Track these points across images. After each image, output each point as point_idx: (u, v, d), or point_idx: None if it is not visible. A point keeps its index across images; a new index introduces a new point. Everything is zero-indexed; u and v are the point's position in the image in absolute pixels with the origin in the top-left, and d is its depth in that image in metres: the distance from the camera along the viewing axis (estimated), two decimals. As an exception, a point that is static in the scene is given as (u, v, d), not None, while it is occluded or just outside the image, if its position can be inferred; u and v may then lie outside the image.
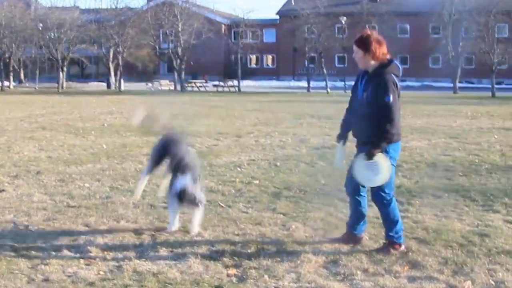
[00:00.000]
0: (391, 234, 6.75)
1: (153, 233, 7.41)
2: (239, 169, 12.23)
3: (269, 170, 12.06)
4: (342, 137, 7.07)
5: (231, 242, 7.05)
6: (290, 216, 8.25)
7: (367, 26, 63.18)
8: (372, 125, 6.44)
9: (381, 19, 65.56)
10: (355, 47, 6.67)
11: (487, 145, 15.85)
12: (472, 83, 67.65)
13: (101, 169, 12.09)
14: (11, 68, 63.69)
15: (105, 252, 6.73)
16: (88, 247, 6.87)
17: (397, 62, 6.68)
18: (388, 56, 6.64)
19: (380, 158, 6.46)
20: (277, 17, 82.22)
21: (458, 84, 55.02)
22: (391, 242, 6.74)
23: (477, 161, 13.23)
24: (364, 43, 6.59)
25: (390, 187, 6.77)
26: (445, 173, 11.72)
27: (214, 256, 6.59)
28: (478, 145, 15.72)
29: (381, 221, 7.01)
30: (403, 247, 6.73)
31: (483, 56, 52.00)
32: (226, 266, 6.30)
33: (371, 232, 7.30)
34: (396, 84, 6.51)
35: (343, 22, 60.20)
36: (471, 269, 6.19)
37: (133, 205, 8.87)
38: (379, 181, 6.58)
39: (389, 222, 6.78)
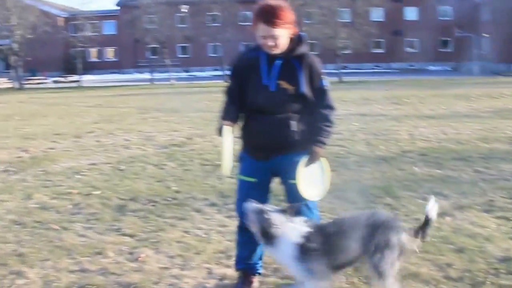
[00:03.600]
0: None
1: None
2: (78, 176, 10.53)
3: (113, 176, 10.42)
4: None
5: (65, 283, 5.40)
6: (139, 239, 6.63)
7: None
8: None
9: (223, 7, 64.71)
10: None
11: (349, 134, 14.85)
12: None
13: None
14: None
15: None
16: None
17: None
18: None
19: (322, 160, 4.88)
20: (117, 8, 79.77)
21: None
22: None
23: (342, 152, 12.17)
24: None
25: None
26: (310, 168, 10.45)
27: (39, 308, 4.95)
28: (340, 134, 14.64)
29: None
30: None
31: (327, 41, 52.23)
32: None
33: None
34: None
35: (185, 11, 59.07)
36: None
37: None
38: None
39: None
